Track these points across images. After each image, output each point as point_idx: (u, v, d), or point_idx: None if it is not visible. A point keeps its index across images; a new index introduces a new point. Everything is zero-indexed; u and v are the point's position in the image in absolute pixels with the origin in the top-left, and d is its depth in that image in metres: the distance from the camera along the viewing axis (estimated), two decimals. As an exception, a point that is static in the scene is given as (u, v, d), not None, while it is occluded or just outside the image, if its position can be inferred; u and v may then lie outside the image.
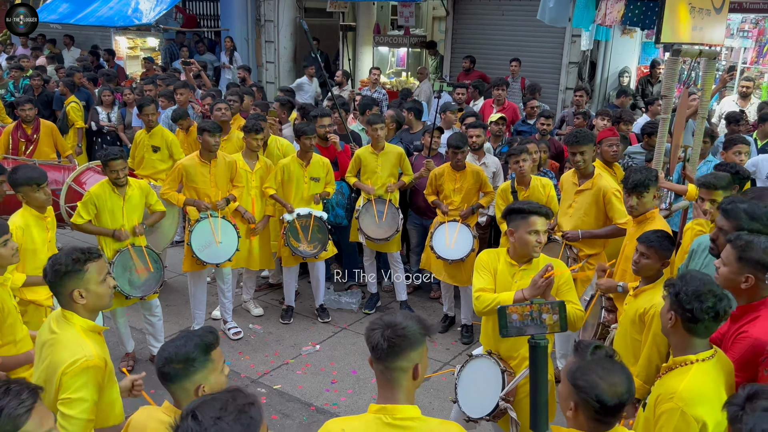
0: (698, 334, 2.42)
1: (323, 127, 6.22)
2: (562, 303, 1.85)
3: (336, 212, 6.38)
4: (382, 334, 2.05)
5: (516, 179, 5.28)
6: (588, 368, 1.98)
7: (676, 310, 2.42)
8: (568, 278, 3.30)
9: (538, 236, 3.24)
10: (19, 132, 7.10)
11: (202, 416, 1.65)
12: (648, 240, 3.34)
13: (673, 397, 2.30)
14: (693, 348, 2.43)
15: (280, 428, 4.55)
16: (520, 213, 3.26)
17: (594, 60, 10.25)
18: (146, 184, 5.24)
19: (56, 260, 2.66)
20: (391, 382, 2.09)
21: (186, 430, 1.64)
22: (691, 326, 2.40)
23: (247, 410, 1.69)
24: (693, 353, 2.42)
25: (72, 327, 2.65)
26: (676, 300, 2.41)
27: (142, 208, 5.03)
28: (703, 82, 5.39)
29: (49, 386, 2.58)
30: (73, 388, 2.52)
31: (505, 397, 3.20)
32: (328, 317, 6.14)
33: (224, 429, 1.62)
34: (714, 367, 2.41)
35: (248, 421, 1.67)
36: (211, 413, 1.66)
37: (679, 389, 2.31)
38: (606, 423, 2.01)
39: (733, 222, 3.04)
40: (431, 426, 2.10)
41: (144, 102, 6.64)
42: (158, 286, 5.14)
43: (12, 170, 4.31)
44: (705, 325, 2.39)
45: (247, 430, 1.65)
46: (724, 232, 3.06)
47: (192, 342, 2.18)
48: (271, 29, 13.12)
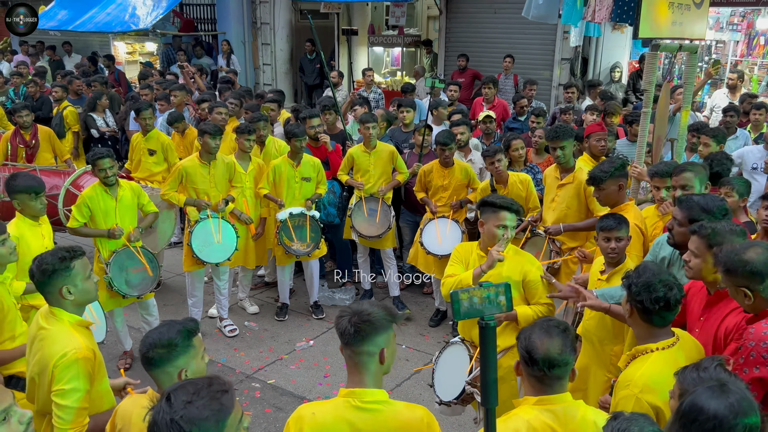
0: (655, 323, 2.51)
1: (313, 128, 6.34)
2: (507, 285, 1.97)
3: (328, 211, 6.49)
4: (349, 320, 2.17)
5: (494, 178, 5.39)
6: (529, 330, 2.23)
7: (631, 301, 2.52)
8: (536, 279, 3.50)
9: (505, 231, 3.40)
10: (17, 138, 7.22)
11: (174, 399, 1.76)
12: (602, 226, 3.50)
13: (629, 384, 2.40)
14: (654, 336, 2.52)
15: (273, 421, 4.67)
16: (492, 206, 3.42)
17: (586, 56, 10.33)
18: (137, 185, 5.34)
19: (43, 260, 2.79)
20: (359, 366, 2.20)
21: (158, 411, 1.76)
22: (645, 316, 2.50)
23: (219, 397, 1.79)
24: (654, 342, 2.51)
25: (60, 322, 2.79)
26: (629, 292, 2.52)
27: (135, 209, 5.14)
28: (686, 76, 5.48)
29: (42, 378, 2.72)
30: (65, 380, 2.65)
31: (471, 381, 3.33)
32: (322, 314, 6.26)
33: (193, 413, 1.73)
34: (675, 353, 2.49)
35: (218, 407, 1.77)
36: (183, 397, 1.77)
37: (636, 376, 2.41)
38: (541, 382, 2.17)
39: (686, 213, 3.15)
40: (397, 409, 2.21)
41: (141, 106, 6.75)
42: (154, 286, 5.26)
43: (10, 177, 4.34)
44: (659, 315, 2.48)
45: (216, 416, 1.75)
46: (678, 222, 3.19)
47: (174, 328, 2.31)
48: (267, 32, 13.25)
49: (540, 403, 2.18)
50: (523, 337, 2.24)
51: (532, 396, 2.21)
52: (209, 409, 1.75)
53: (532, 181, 5.38)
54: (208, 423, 1.73)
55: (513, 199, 3.52)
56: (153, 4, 12.73)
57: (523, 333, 2.26)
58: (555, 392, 2.19)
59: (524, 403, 2.23)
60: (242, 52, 13.21)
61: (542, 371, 2.15)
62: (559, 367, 2.15)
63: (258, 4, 13.18)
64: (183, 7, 14.47)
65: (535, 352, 2.16)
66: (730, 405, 1.76)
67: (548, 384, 2.18)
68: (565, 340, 2.19)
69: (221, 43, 12.67)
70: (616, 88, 9.80)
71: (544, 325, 2.26)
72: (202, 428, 1.72)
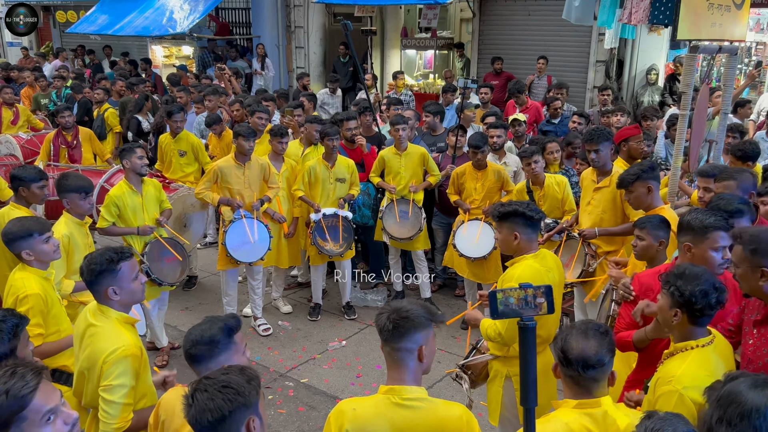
0: (701, 325, 2.52)
1: (349, 130, 6.40)
2: (549, 287, 1.98)
3: (362, 212, 6.53)
4: (387, 316, 2.21)
5: (530, 180, 5.37)
6: (567, 331, 2.25)
7: (681, 307, 2.49)
8: None
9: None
10: (59, 139, 7.42)
11: (212, 374, 1.96)
12: (640, 223, 3.46)
13: (671, 380, 2.38)
14: (694, 335, 2.52)
15: (306, 419, 4.72)
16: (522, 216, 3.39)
17: (621, 58, 10.22)
18: (157, 181, 5.48)
19: (92, 260, 2.85)
20: (398, 362, 2.23)
21: (198, 383, 1.92)
22: (696, 320, 2.50)
23: (246, 369, 1.99)
24: (694, 339, 2.51)
25: (108, 319, 2.85)
26: (681, 298, 2.48)
27: (158, 203, 5.29)
28: (725, 78, 5.40)
29: (91, 374, 2.79)
30: (113, 376, 2.71)
31: (463, 367, 3.54)
32: (354, 314, 6.31)
33: (231, 378, 1.90)
34: (713, 351, 2.49)
35: (250, 374, 1.97)
36: (220, 371, 1.97)
37: (678, 373, 2.39)
38: (577, 384, 2.18)
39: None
40: (437, 406, 2.23)
41: (173, 109, 6.87)
42: (185, 274, 5.45)
43: (62, 176, 4.49)
44: (709, 316, 2.49)
45: (249, 380, 1.95)
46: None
47: (216, 326, 2.37)
48: (301, 35, 13.39)
49: (580, 406, 2.19)
50: (560, 338, 2.27)
51: (571, 399, 2.22)
52: (244, 376, 1.95)
53: (568, 184, 5.34)
54: (242, 386, 1.91)
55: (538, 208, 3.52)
56: (190, 9, 12.98)
57: (561, 334, 2.28)
58: (594, 395, 2.20)
59: (564, 405, 2.24)
60: (276, 56, 13.37)
61: (577, 371, 2.16)
62: (594, 368, 2.16)
63: (292, 8, 13.33)
64: (219, 11, 14.71)
65: (570, 352, 2.18)
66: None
67: (584, 386, 2.20)
68: (602, 341, 2.20)
69: (256, 47, 12.85)
70: (652, 90, 9.66)
71: (582, 327, 2.28)
72: (240, 387, 1.89)
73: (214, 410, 1.85)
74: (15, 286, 3.36)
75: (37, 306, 3.32)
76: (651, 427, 1.84)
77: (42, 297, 3.35)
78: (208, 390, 1.88)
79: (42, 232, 3.46)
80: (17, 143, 7.61)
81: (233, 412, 1.86)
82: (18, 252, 3.43)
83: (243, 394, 1.89)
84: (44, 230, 3.48)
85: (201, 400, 1.86)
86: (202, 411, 1.85)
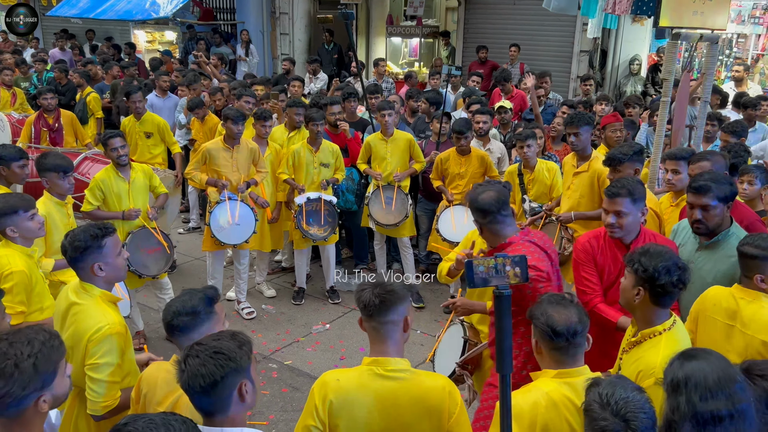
0: (664, 305, 2.55)
1: (333, 114, 6.40)
2: (523, 257, 2.01)
3: (346, 197, 6.55)
4: (372, 291, 2.24)
5: (522, 163, 5.43)
6: (542, 303, 2.31)
7: (644, 285, 2.51)
8: None
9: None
10: (41, 121, 7.34)
11: (203, 340, 1.99)
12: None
13: (654, 371, 2.39)
14: (658, 318, 2.55)
15: (289, 400, 4.75)
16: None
17: (605, 48, 10.30)
18: (149, 167, 5.45)
19: (75, 237, 2.82)
20: (383, 336, 2.26)
21: (190, 349, 1.95)
22: (659, 299, 2.52)
23: (238, 335, 2.02)
24: (659, 323, 2.54)
25: (92, 297, 2.82)
26: (645, 276, 2.50)
27: (147, 191, 5.23)
28: (705, 67, 5.47)
29: (75, 352, 2.75)
30: (99, 354, 2.69)
31: (462, 364, 3.38)
32: (338, 299, 6.33)
33: (222, 344, 1.94)
34: (678, 332, 2.53)
35: (242, 339, 2.00)
36: (211, 337, 2.01)
37: (658, 363, 2.37)
38: (565, 353, 2.24)
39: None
40: (420, 377, 2.27)
41: (131, 90, 6.74)
42: (169, 265, 5.37)
43: (41, 155, 4.45)
44: (672, 296, 2.53)
45: (241, 345, 1.98)
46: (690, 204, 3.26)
47: (197, 296, 2.40)
48: (286, 21, 13.31)
49: (560, 376, 2.24)
50: (539, 313, 2.29)
51: (551, 370, 2.27)
52: (235, 342, 1.98)
53: (558, 171, 5.39)
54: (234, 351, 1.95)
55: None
56: (173, -7, 12.83)
57: (537, 311, 2.31)
58: (575, 364, 2.25)
59: (543, 375, 2.29)
60: (261, 42, 13.29)
61: (567, 341, 2.22)
62: (581, 334, 2.23)
63: (277, -6, 13.25)
64: (203, -4, 14.57)
65: (556, 324, 2.22)
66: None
67: (571, 354, 2.25)
68: (576, 307, 2.29)
69: (240, 33, 12.75)
70: (634, 81, 9.76)
71: (553, 300, 2.33)
72: (231, 353, 1.94)
73: (207, 375, 1.88)
74: None
75: (21, 283, 3.31)
76: (605, 393, 1.87)
77: (27, 274, 3.34)
78: (199, 356, 1.91)
79: (27, 209, 3.44)
80: (8, 121, 7.56)
81: (225, 377, 1.90)
82: (2, 229, 3.41)
83: (234, 359, 1.92)
84: (29, 207, 3.46)
85: (193, 366, 1.89)
86: (194, 376, 1.88)
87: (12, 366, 1.84)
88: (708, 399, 1.84)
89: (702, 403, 1.84)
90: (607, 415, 1.79)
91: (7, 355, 1.86)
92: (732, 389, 1.86)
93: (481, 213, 3.04)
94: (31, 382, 1.85)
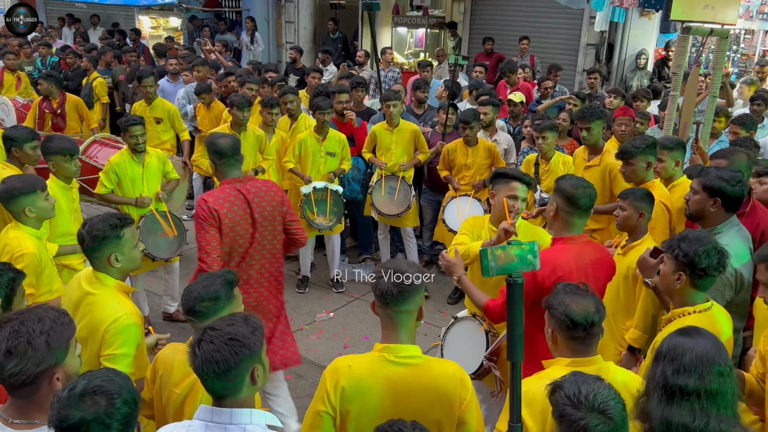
0: (703, 288, 2.64)
1: (341, 103, 6.38)
2: (534, 243, 2.01)
3: (352, 186, 6.54)
4: (390, 281, 2.21)
5: (540, 154, 5.45)
6: (558, 293, 2.31)
7: (685, 270, 2.59)
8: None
9: (516, 202, 3.32)
10: (45, 105, 7.32)
11: (217, 324, 1.99)
12: (624, 194, 3.52)
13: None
14: (693, 301, 2.64)
15: (294, 387, 4.76)
16: (504, 177, 3.38)
17: (612, 42, 10.27)
18: (162, 152, 5.45)
19: (93, 226, 2.76)
20: (397, 324, 2.26)
21: (203, 333, 1.95)
22: (699, 282, 2.61)
23: (250, 319, 2.02)
24: (692, 305, 2.62)
25: (106, 287, 2.78)
26: (685, 260, 2.58)
27: (160, 176, 5.25)
28: (715, 62, 5.46)
29: (91, 343, 2.69)
30: (116, 344, 2.64)
31: (489, 356, 3.33)
32: (342, 288, 6.35)
33: (238, 331, 1.94)
34: (711, 317, 2.59)
35: (254, 323, 2.00)
36: (224, 321, 2.00)
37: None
38: (582, 343, 2.25)
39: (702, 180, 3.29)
40: (432, 365, 2.28)
41: (143, 74, 6.72)
42: (181, 249, 5.40)
43: (46, 139, 4.43)
44: (712, 279, 2.61)
45: (254, 331, 1.99)
46: (693, 190, 3.35)
47: (217, 281, 2.41)
48: (291, 9, 13.26)
49: (573, 364, 2.24)
50: (557, 303, 2.29)
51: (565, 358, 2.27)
52: (249, 327, 1.98)
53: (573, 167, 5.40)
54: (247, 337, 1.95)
55: (524, 172, 3.53)
56: (179, -21, 12.78)
57: (554, 301, 2.31)
58: (589, 353, 2.27)
59: (556, 363, 2.29)
60: (266, 30, 13.24)
61: (585, 331, 2.23)
62: (598, 324, 2.25)
63: (283, -19, 13.20)
64: (208, -18, 14.49)
65: (575, 314, 2.23)
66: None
67: (588, 344, 2.27)
68: (592, 296, 2.30)
69: (245, 20, 12.70)
70: (641, 75, 9.74)
71: (569, 290, 2.33)
72: (245, 339, 1.93)
73: (221, 362, 1.89)
74: (10, 245, 3.33)
75: (32, 264, 3.31)
76: (572, 393, 1.83)
77: (37, 256, 3.34)
78: (214, 342, 1.91)
79: (44, 189, 3.46)
80: (13, 106, 7.55)
81: (239, 363, 1.91)
82: (20, 209, 3.40)
83: (248, 345, 1.93)
84: (45, 187, 3.49)
85: (207, 351, 1.89)
86: (207, 362, 1.89)
87: (25, 343, 1.85)
88: (680, 373, 1.92)
89: (672, 376, 1.93)
90: (584, 413, 1.77)
91: (19, 333, 1.86)
92: (707, 370, 1.92)
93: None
94: (45, 359, 1.86)
